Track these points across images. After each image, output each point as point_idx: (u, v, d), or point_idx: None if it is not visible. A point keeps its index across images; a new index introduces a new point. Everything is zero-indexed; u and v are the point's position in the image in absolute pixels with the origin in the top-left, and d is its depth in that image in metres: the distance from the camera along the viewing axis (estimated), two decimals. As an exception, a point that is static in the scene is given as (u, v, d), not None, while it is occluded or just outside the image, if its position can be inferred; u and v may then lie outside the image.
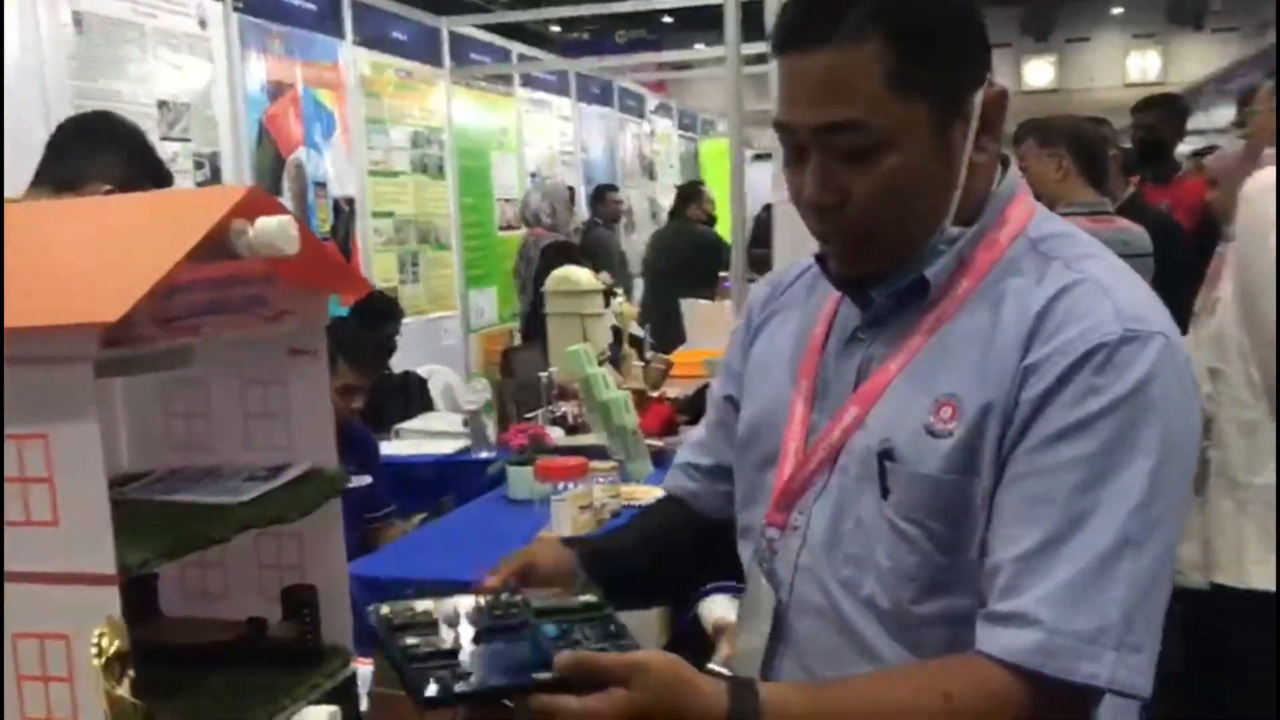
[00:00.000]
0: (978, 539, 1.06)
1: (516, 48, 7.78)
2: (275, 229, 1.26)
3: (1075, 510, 0.99)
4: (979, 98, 1.08)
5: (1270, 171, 2.89)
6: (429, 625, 1.06)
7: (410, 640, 1.05)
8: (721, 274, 7.37)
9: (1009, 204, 1.14)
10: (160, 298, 1.19)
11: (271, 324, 1.42)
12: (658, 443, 3.20)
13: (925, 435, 1.07)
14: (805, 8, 1.08)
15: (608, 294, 4.59)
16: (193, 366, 1.40)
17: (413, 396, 4.80)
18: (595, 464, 2.65)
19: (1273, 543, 2.17)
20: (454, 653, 1.04)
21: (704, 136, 12.67)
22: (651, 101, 10.65)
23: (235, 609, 1.57)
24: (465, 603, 1.10)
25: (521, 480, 2.81)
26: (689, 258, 6.61)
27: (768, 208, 11.33)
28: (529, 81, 7.96)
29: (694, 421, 3.68)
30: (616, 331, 4.61)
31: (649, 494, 2.87)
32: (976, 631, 1.03)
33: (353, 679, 1.54)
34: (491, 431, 3.42)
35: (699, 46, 8.41)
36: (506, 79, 7.65)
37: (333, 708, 1.44)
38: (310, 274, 1.42)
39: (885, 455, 1.09)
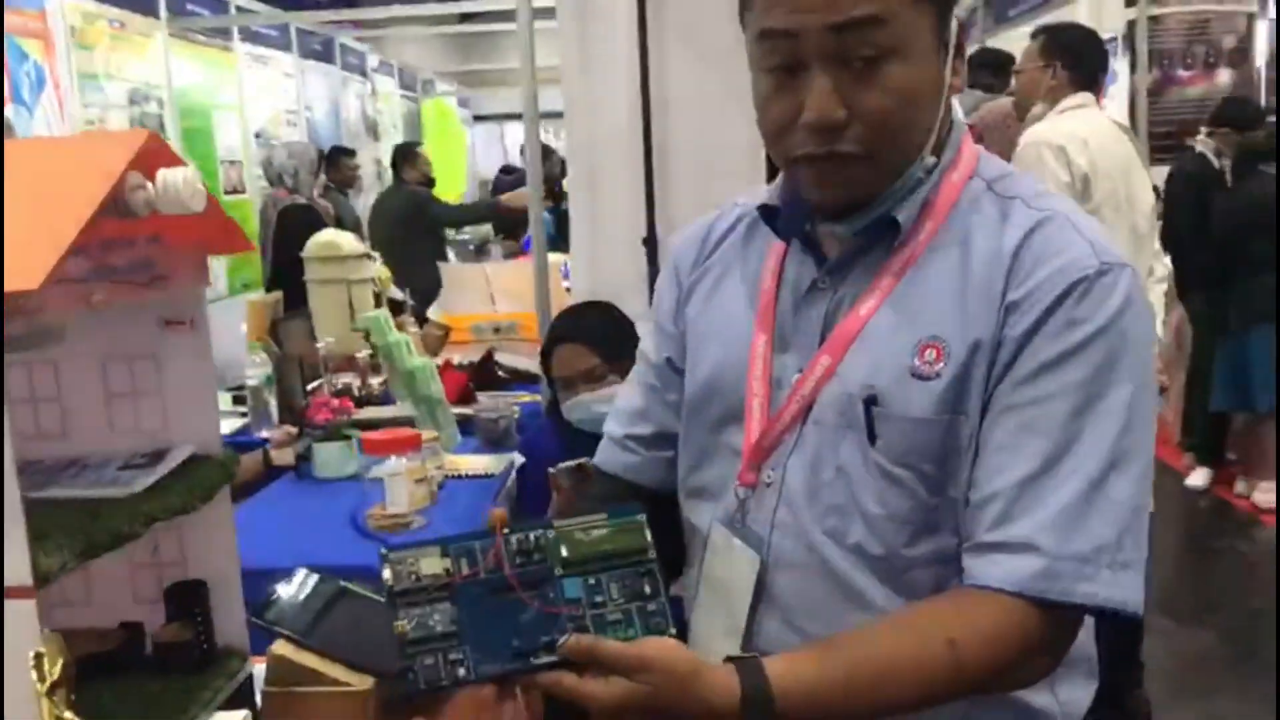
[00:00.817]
0: (964, 477, 1.06)
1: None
2: (181, 183, 1.12)
3: (1064, 438, 1.01)
4: (954, 23, 1.08)
5: (1037, 127, 3.11)
6: (433, 594, 0.97)
7: (403, 622, 0.96)
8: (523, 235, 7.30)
9: (961, 142, 1.15)
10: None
11: (150, 291, 1.26)
12: (460, 410, 3.10)
13: (911, 379, 1.06)
14: None
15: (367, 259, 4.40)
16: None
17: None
18: (421, 433, 2.53)
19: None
20: (450, 635, 0.96)
21: (425, 96, 12.37)
22: (372, 59, 10.27)
23: (103, 615, 1.41)
24: (480, 549, 1.00)
25: (332, 458, 2.65)
26: (400, 219, 6.40)
27: (507, 170, 11.22)
28: (250, 37, 7.50)
29: (483, 388, 3.62)
30: (376, 297, 4.43)
31: (468, 463, 2.78)
32: (966, 563, 1.05)
33: (250, 680, 1.41)
34: (274, 408, 3.20)
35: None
36: (226, 34, 7.17)
37: (243, 712, 1.32)
38: (201, 233, 1.27)
39: (871, 401, 1.07)
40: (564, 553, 1.02)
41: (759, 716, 0.96)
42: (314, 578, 1.54)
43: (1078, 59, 3.14)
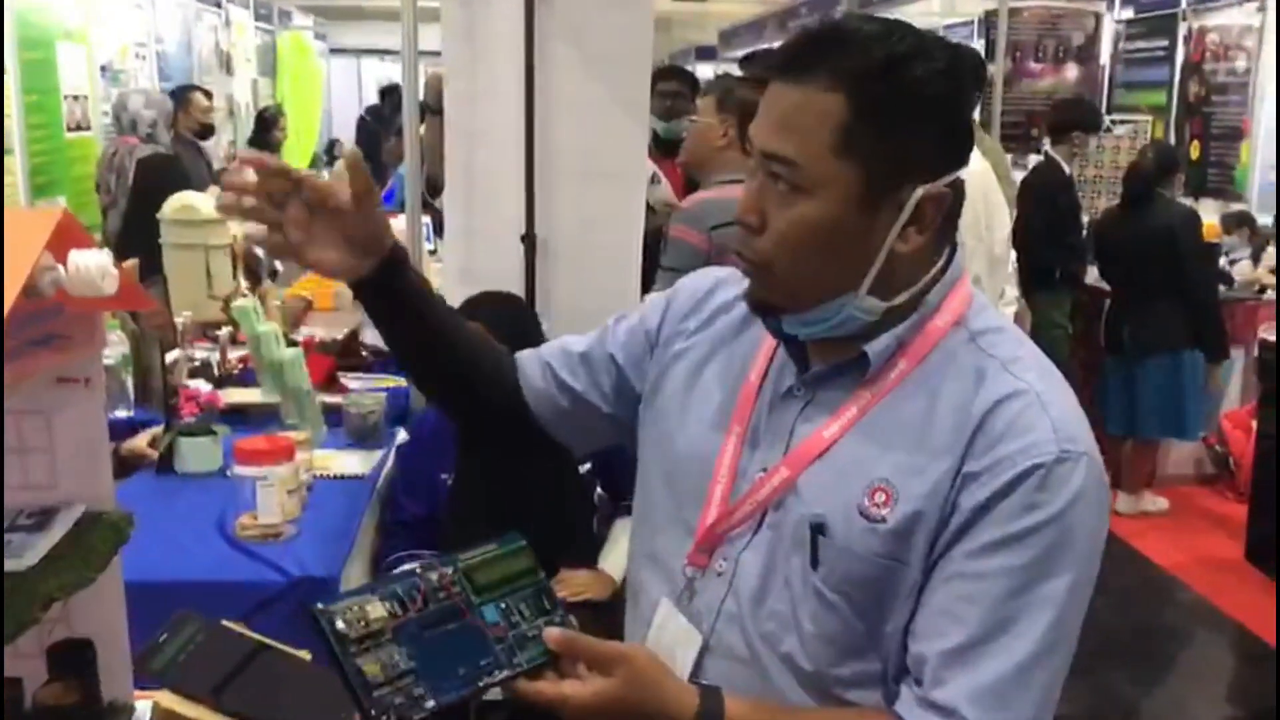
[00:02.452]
0: (898, 618, 1.12)
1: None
2: (94, 268, 1.09)
3: (1001, 615, 1.06)
4: (919, 191, 1.09)
5: None
6: (384, 637, 1.04)
7: (368, 665, 1.02)
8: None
9: (950, 291, 1.17)
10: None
11: (49, 355, 1.22)
12: (326, 399, 3.06)
13: (858, 516, 1.11)
14: (798, 45, 1.12)
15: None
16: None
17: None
18: (291, 435, 2.49)
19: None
20: (409, 672, 1.03)
21: (281, 29, 11.94)
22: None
23: (-21, 671, 1.36)
24: (407, 590, 1.08)
25: (199, 453, 2.59)
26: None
27: (373, 111, 10.88)
28: (97, -38, 7.12)
29: (349, 369, 3.57)
30: (234, 261, 4.31)
31: (338, 463, 2.76)
32: (904, 705, 1.11)
33: (135, 733, 1.40)
34: (132, 388, 3.10)
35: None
36: (71, -42, 6.79)
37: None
38: (105, 302, 1.24)
39: (818, 529, 1.13)
40: (475, 582, 1.11)
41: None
42: (200, 625, 1.53)
43: None
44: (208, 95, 7.07)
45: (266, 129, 7.57)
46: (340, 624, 1.03)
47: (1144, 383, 5.05)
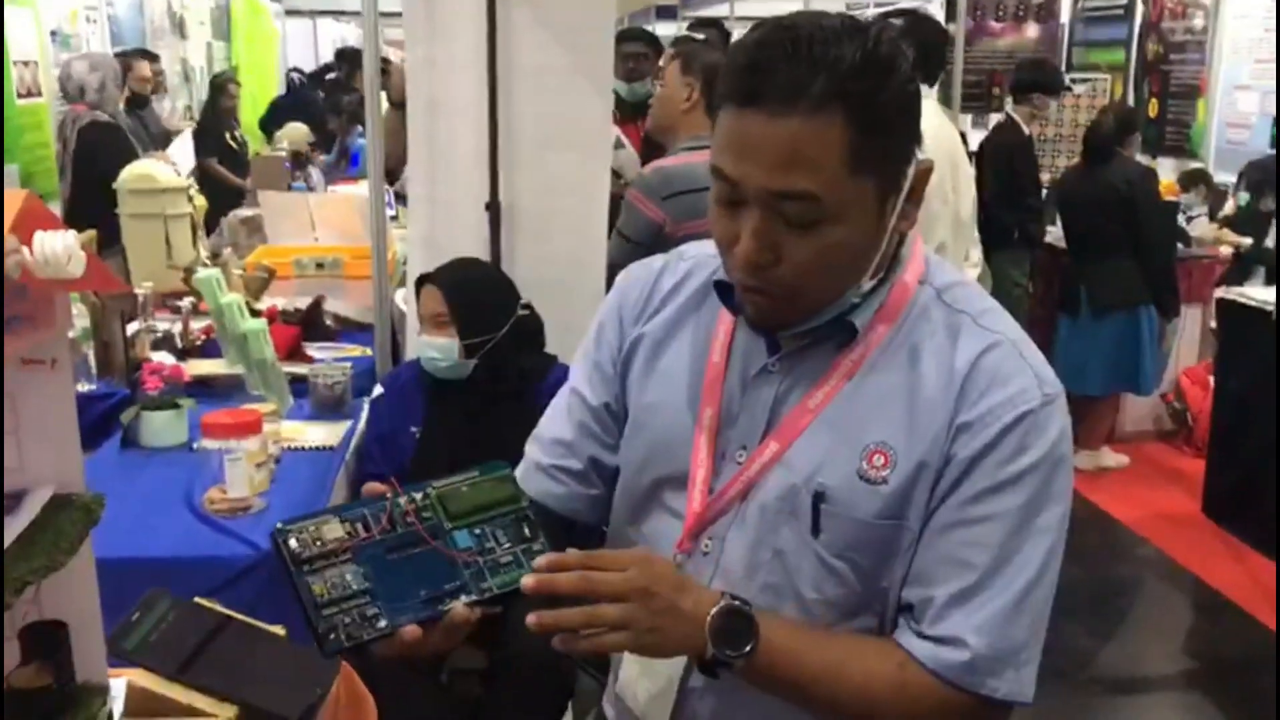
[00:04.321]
0: (895, 573, 1.15)
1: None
2: (61, 250, 1.08)
3: (1001, 555, 1.11)
4: (912, 170, 1.11)
5: None
6: (338, 557, 1.03)
7: (317, 584, 1.02)
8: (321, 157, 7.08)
9: (911, 248, 1.19)
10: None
11: (12, 340, 1.21)
12: (291, 370, 3.04)
13: (859, 481, 1.13)
14: (768, 66, 1.04)
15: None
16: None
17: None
18: (258, 408, 2.48)
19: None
20: (363, 592, 1.03)
21: (235, -9, 11.73)
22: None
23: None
24: (374, 512, 1.07)
25: (162, 426, 2.57)
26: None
27: (315, 74, 10.73)
28: (44, -76, 6.96)
29: (311, 338, 3.54)
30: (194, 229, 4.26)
31: (305, 434, 2.75)
32: (906, 638, 1.14)
33: (110, 714, 1.40)
34: (93, 361, 3.07)
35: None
36: (17, -80, 6.63)
37: (108, 755, 1.31)
38: (71, 282, 1.22)
39: (819, 498, 1.14)
40: (449, 508, 1.10)
41: (737, 620, 1.08)
42: (171, 603, 1.53)
43: (925, 56, 3.23)
44: (147, 58, 6.95)
45: (219, 94, 7.52)
46: (294, 543, 1.02)
47: (1100, 339, 5.11)
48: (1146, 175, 5.12)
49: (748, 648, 1.08)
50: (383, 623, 1.02)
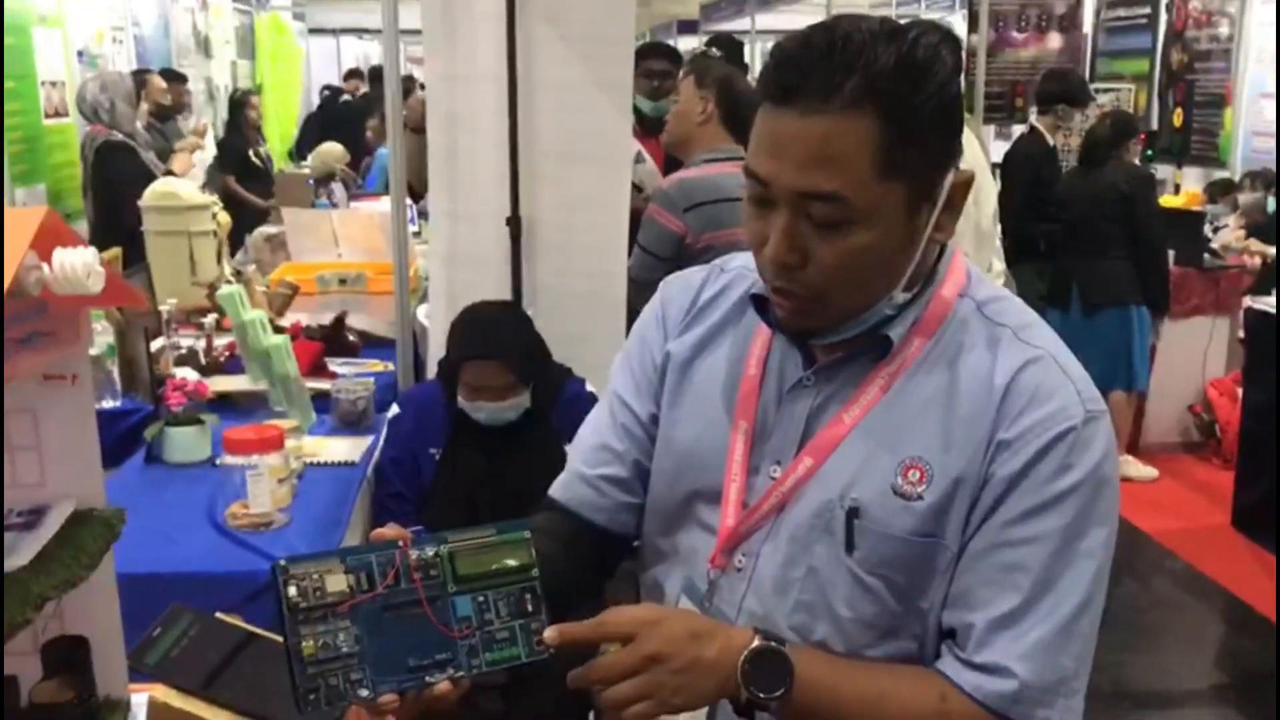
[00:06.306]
0: (934, 594, 1.12)
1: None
2: (80, 267, 1.08)
3: (1045, 578, 1.08)
4: (949, 180, 1.08)
5: None
6: (336, 611, 1.01)
7: (307, 642, 0.99)
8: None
9: (951, 261, 1.17)
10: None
11: (34, 355, 1.22)
12: (314, 385, 3.05)
13: (894, 496, 1.10)
14: (803, 65, 1.03)
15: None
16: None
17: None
18: (280, 423, 2.49)
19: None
20: (353, 655, 1.01)
21: (259, 10, 11.84)
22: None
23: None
24: (381, 564, 1.04)
25: (185, 442, 2.58)
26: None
27: (331, 91, 10.82)
28: (71, -54, 7.05)
29: (335, 354, 3.56)
30: (219, 248, 4.29)
31: (328, 449, 2.75)
32: (950, 666, 1.11)
33: (132, 728, 1.40)
34: (118, 378, 3.09)
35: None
36: (45, -58, 6.72)
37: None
38: (91, 300, 1.23)
39: (853, 513, 1.11)
40: (457, 570, 1.06)
41: (770, 659, 1.05)
42: (193, 618, 1.53)
43: None
44: (174, 77, 7.03)
45: (239, 110, 7.56)
46: (293, 591, 0.99)
47: (1091, 335, 5.10)
48: (1143, 178, 5.19)
49: (782, 690, 1.06)
50: (364, 691, 1.00)
